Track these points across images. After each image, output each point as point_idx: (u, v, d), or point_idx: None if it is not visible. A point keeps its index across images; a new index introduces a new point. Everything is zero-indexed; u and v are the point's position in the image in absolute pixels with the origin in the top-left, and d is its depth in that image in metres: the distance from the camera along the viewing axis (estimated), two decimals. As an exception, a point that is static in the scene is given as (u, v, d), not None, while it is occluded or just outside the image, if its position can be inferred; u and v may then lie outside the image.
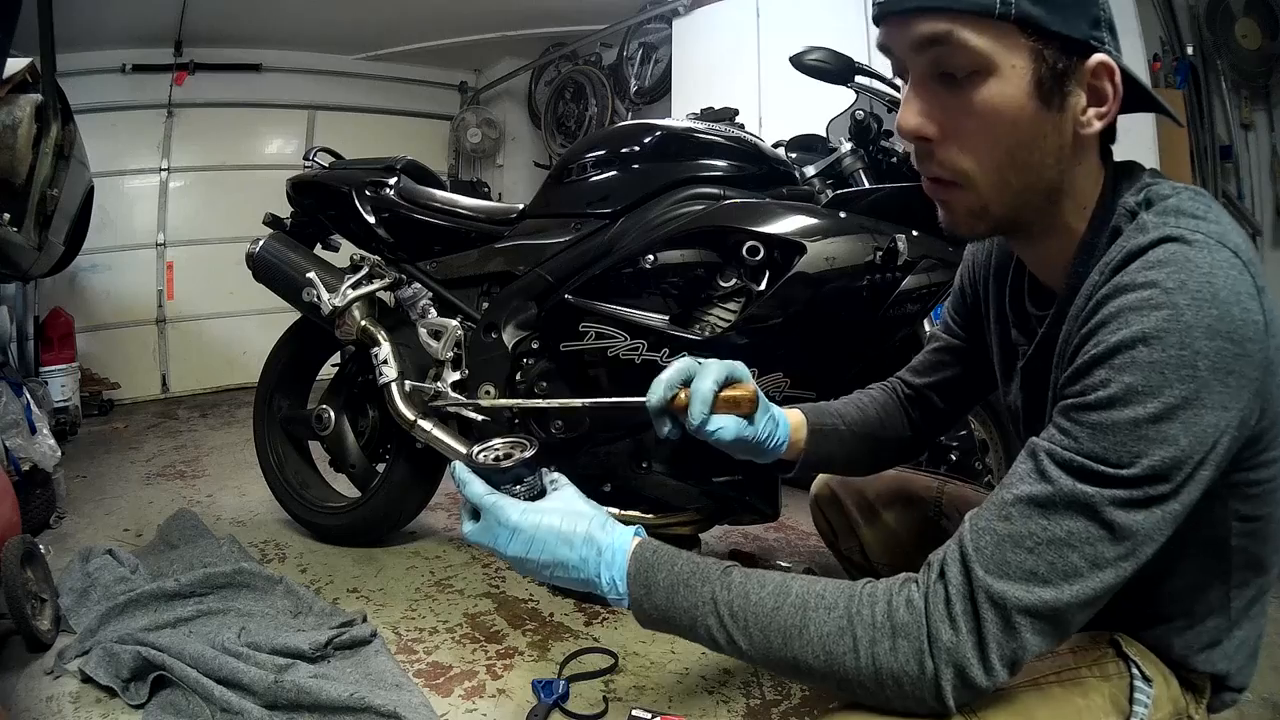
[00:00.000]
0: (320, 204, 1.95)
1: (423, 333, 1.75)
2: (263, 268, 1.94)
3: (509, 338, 1.67)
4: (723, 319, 1.46)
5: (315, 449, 2.11)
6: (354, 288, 1.80)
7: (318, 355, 2.14)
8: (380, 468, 1.97)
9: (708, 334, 1.45)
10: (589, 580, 0.69)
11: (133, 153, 3.97)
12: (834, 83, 1.55)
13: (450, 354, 1.73)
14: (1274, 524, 0.66)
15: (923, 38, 0.61)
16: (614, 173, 1.61)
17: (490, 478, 0.72)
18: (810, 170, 1.61)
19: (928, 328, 1.54)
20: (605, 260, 1.53)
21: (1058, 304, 0.69)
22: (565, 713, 1.26)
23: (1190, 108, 2.74)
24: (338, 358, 2.05)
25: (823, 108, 1.97)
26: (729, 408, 0.83)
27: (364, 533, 1.97)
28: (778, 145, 1.76)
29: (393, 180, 1.89)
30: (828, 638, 0.60)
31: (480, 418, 1.70)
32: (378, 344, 1.78)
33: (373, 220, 1.85)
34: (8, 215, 1.97)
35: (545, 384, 1.64)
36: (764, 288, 1.40)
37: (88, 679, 1.32)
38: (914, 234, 1.38)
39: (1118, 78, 0.61)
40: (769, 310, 1.39)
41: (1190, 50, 2.73)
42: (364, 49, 4.56)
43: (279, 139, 4.52)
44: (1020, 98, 0.60)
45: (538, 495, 0.73)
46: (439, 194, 1.89)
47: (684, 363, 0.82)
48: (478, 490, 0.71)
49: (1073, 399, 0.58)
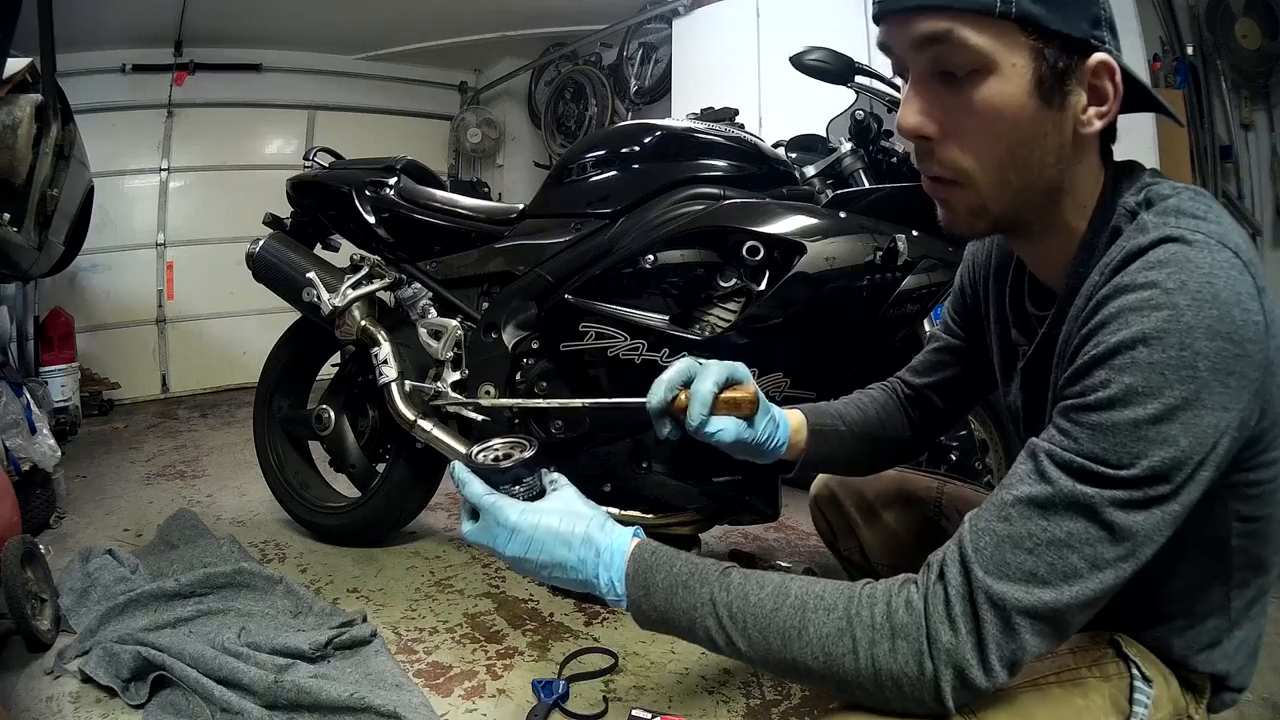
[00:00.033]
0: (320, 204, 1.95)
1: (423, 333, 1.75)
2: (263, 268, 1.94)
3: (509, 338, 1.67)
4: (723, 319, 1.45)
5: (315, 449, 2.11)
6: (354, 288, 1.80)
7: (318, 355, 2.14)
8: (380, 468, 1.97)
9: (708, 334, 1.45)
10: (587, 581, 0.69)
11: (133, 153, 3.97)
12: (834, 83, 1.55)
13: (450, 354, 1.73)
14: (1274, 524, 0.66)
15: (923, 36, 0.61)
16: (614, 173, 1.61)
17: (489, 478, 0.72)
18: (810, 170, 1.61)
19: (928, 328, 1.54)
20: (605, 260, 1.53)
21: (1058, 304, 0.69)
22: (565, 713, 1.26)
23: (1190, 108, 2.74)
24: (338, 358, 2.05)
25: (823, 108, 1.97)
26: (729, 409, 0.82)
27: (364, 533, 1.97)
28: (778, 145, 1.76)
29: (393, 180, 1.89)
30: (827, 639, 0.60)
31: (480, 418, 1.70)
32: (378, 344, 1.78)
33: (373, 220, 1.85)
34: (8, 215, 1.97)
35: (545, 384, 1.64)
36: (764, 288, 1.40)
37: (88, 679, 1.32)
38: (914, 234, 1.38)
39: (1118, 77, 0.61)
40: (769, 310, 1.39)
41: (1190, 50, 2.73)
42: (364, 49, 4.56)
43: (279, 139, 4.52)
44: (1020, 96, 0.60)
45: (537, 496, 0.73)
46: (439, 194, 1.89)
47: (685, 363, 0.82)
48: (476, 490, 0.71)
49: (1072, 400, 0.58)
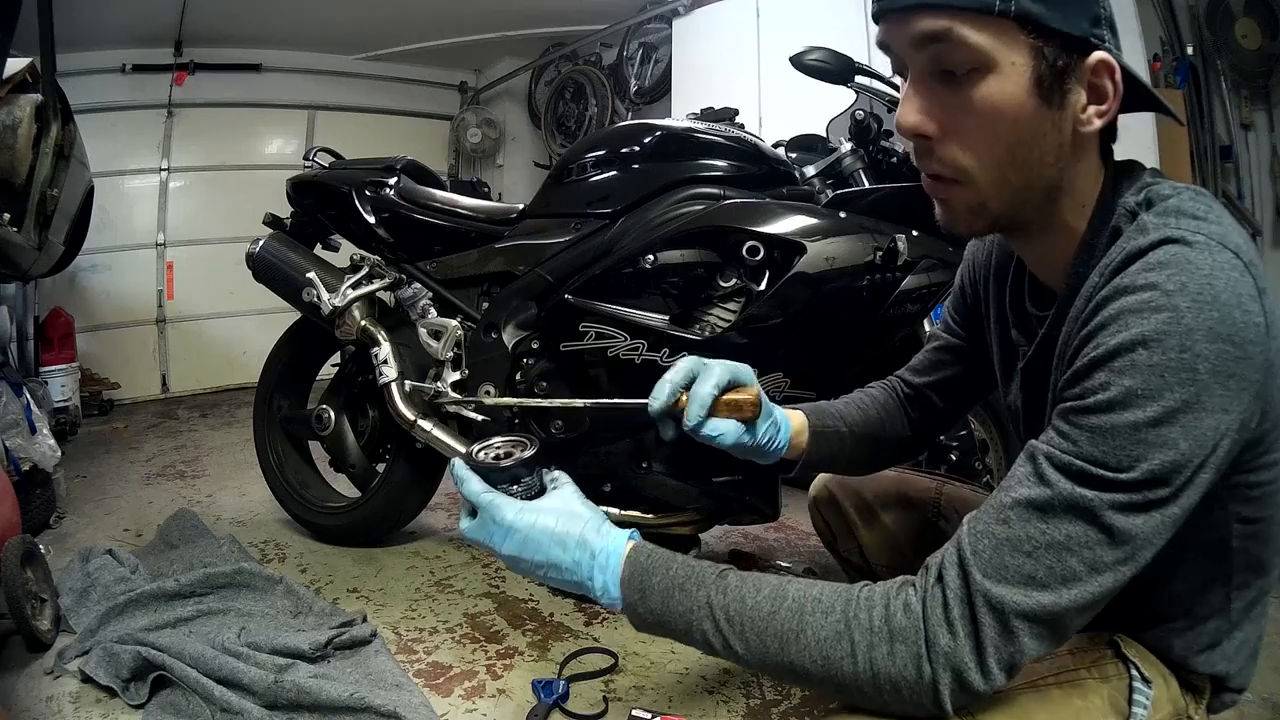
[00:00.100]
0: (320, 204, 1.95)
1: (423, 333, 1.75)
2: (263, 268, 1.94)
3: (509, 338, 1.67)
4: (723, 319, 1.45)
5: (315, 449, 2.11)
6: (354, 288, 1.80)
7: (318, 355, 2.14)
8: (380, 468, 1.97)
9: (708, 334, 1.45)
10: (581, 583, 0.68)
11: (133, 153, 3.97)
12: (834, 83, 1.55)
13: (450, 354, 1.73)
14: (1275, 526, 0.66)
15: (922, 34, 0.61)
16: (614, 173, 1.61)
17: (488, 476, 0.72)
18: (810, 170, 1.61)
19: (928, 327, 1.54)
20: (605, 260, 1.52)
21: (1058, 304, 0.69)
22: (565, 713, 1.26)
23: (1190, 108, 2.74)
24: (338, 358, 2.05)
25: (823, 108, 1.97)
26: (730, 411, 0.82)
27: (364, 533, 1.97)
28: (778, 145, 1.76)
29: (393, 180, 1.89)
30: (825, 642, 0.60)
31: (480, 417, 1.70)
32: (378, 344, 1.78)
33: (373, 220, 1.85)
34: (8, 215, 1.97)
35: (545, 384, 1.63)
36: (764, 288, 1.40)
37: (88, 679, 1.32)
38: (914, 234, 1.38)
39: (1118, 76, 0.60)
40: (769, 310, 1.39)
41: (1190, 50, 2.72)
42: (364, 49, 4.56)
43: (279, 139, 4.52)
44: (1020, 95, 0.60)
45: (536, 495, 0.73)
46: (439, 194, 1.89)
47: (689, 363, 0.81)
48: (475, 488, 0.71)
49: (1072, 402, 0.58)
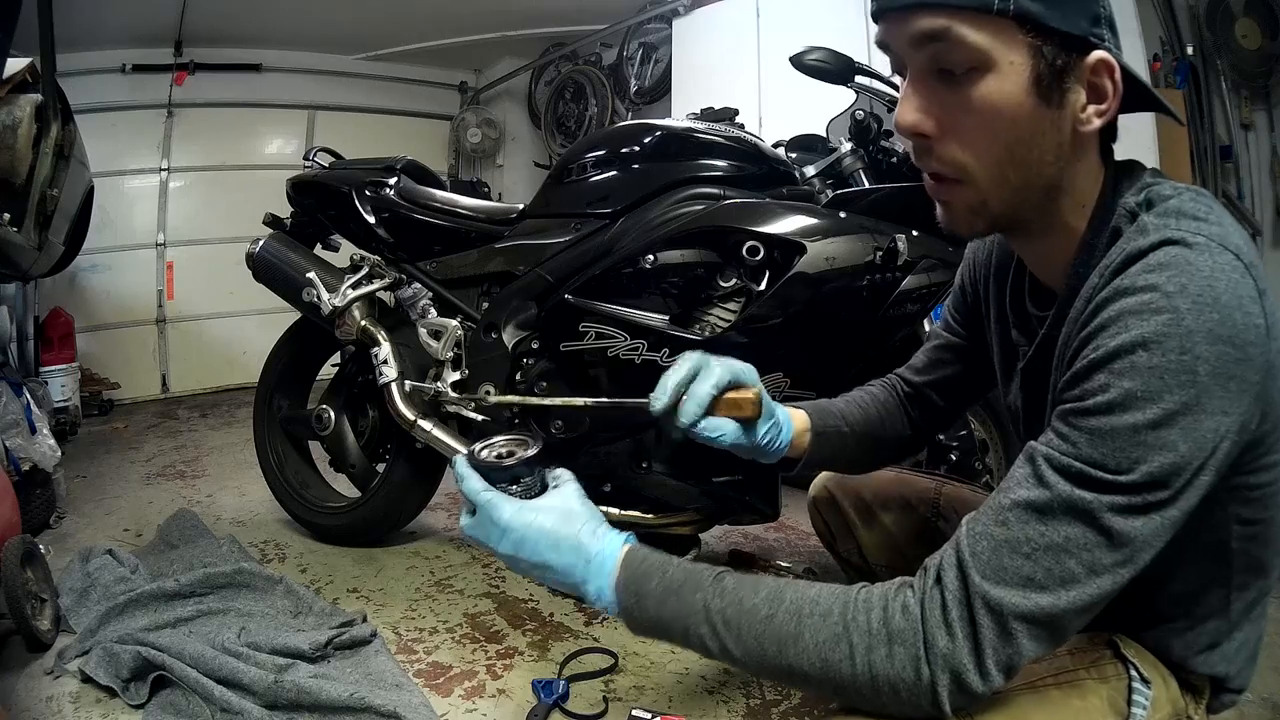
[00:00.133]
0: (320, 204, 1.95)
1: (423, 333, 1.75)
2: (263, 268, 1.94)
3: (509, 338, 1.67)
4: (723, 319, 1.45)
5: (315, 449, 2.11)
6: (354, 288, 1.80)
7: (318, 355, 2.14)
8: (380, 468, 1.97)
9: (708, 334, 1.44)
10: (575, 586, 0.68)
11: (133, 153, 3.97)
12: (834, 83, 1.55)
13: (450, 354, 1.73)
14: (1275, 527, 0.66)
15: (921, 33, 0.61)
16: (614, 173, 1.61)
17: (489, 475, 0.72)
18: (810, 170, 1.61)
19: (928, 327, 1.54)
20: (605, 260, 1.52)
21: (1058, 305, 0.69)
22: (565, 713, 1.26)
23: (1190, 108, 2.74)
24: (338, 358, 2.05)
25: (823, 108, 1.97)
26: (730, 411, 0.82)
27: (364, 533, 1.97)
28: (778, 145, 1.76)
29: (393, 180, 1.89)
30: (823, 645, 0.60)
31: (480, 417, 1.70)
32: (378, 344, 1.78)
33: (373, 220, 1.85)
34: (8, 215, 1.97)
35: (545, 384, 1.63)
36: (764, 288, 1.40)
37: (88, 679, 1.32)
38: (914, 234, 1.38)
39: (1118, 75, 0.60)
40: (769, 310, 1.39)
41: (1190, 50, 2.72)
42: (364, 49, 4.56)
43: (279, 139, 4.52)
44: (1019, 94, 0.60)
45: (536, 494, 0.73)
46: (439, 194, 1.89)
47: (693, 361, 0.80)
48: (474, 486, 0.71)
49: (1071, 403, 0.58)
